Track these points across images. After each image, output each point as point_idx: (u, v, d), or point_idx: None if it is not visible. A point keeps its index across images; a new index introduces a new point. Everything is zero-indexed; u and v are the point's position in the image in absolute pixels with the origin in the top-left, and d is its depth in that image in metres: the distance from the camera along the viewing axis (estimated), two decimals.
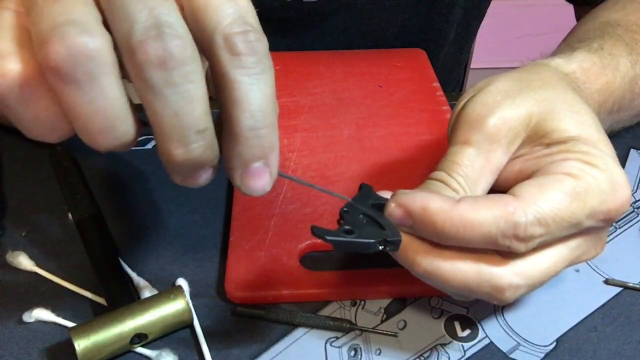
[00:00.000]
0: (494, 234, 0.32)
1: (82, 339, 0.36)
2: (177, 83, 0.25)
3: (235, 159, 0.28)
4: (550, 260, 0.34)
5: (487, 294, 0.33)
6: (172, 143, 0.26)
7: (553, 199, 0.32)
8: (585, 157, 0.34)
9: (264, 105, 0.27)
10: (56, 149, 0.53)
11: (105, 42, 0.25)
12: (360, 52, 0.67)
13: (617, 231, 0.47)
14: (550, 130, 0.35)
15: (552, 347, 0.39)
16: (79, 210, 0.46)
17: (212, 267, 0.44)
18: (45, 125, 0.28)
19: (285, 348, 0.39)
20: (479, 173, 0.35)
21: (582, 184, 0.33)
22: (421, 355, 0.39)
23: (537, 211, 0.32)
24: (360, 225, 0.33)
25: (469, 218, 0.32)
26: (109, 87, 0.26)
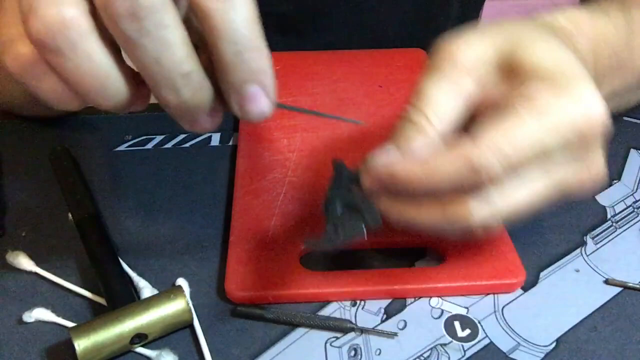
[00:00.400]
0: (456, 180, 0.32)
1: (82, 339, 0.36)
2: (150, 31, 0.25)
3: (229, 89, 0.28)
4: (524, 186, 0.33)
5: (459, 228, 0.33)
6: (161, 90, 0.27)
7: (506, 127, 0.31)
8: (546, 80, 0.33)
9: (243, 29, 0.27)
10: (56, 149, 0.53)
11: (79, 8, 0.26)
12: (360, 52, 0.67)
13: (617, 231, 0.47)
14: (524, 60, 0.34)
15: (552, 347, 0.39)
16: (79, 210, 0.46)
17: (212, 267, 0.44)
18: (61, 96, 0.29)
19: (285, 348, 0.39)
20: (448, 102, 0.35)
21: (539, 104, 0.32)
22: (421, 355, 0.39)
23: (490, 145, 0.31)
24: (343, 219, 0.35)
25: (430, 170, 0.32)
26: (91, 50, 0.27)
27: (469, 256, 0.43)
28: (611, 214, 0.49)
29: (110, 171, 0.52)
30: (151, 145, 0.55)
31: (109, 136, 0.56)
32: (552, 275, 0.44)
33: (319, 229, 0.44)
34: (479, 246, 0.44)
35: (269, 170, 0.50)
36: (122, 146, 0.55)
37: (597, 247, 0.46)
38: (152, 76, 0.27)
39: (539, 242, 0.46)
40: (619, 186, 0.51)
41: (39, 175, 0.52)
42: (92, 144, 0.55)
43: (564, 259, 0.45)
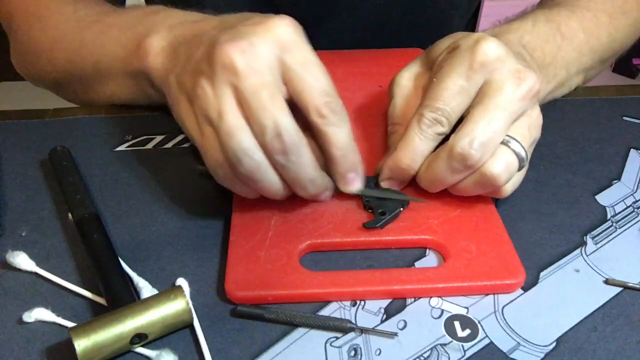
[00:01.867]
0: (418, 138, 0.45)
1: (82, 339, 0.36)
2: (292, 160, 0.41)
3: (336, 175, 0.45)
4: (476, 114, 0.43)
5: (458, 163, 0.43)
6: (298, 189, 0.43)
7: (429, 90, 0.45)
8: (449, 48, 0.46)
9: (345, 141, 0.43)
10: (56, 149, 0.53)
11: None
12: (360, 52, 0.67)
13: (617, 231, 0.47)
14: (434, 52, 0.48)
15: (552, 347, 0.39)
16: (79, 210, 0.46)
17: (212, 267, 0.44)
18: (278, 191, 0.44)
19: (285, 348, 0.39)
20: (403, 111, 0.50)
21: (445, 67, 0.45)
22: (421, 355, 0.39)
23: (424, 105, 0.45)
24: (384, 205, 0.46)
25: (404, 143, 0.45)
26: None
27: (469, 256, 0.43)
28: (611, 214, 0.49)
29: (110, 171, 0.52)
30: (151, 145, 0.55)
31: (109, 136, 0.56)
32: (552, 275, 0.44)
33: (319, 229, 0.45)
34: (479, 246, 0.44)
35: None
36: (122, 146, 0.55)
37: (597, 247, 0.46)
38: (292, 182, 0.43)
39: (539, 242, 0.46)
40: (619, 186, 0.51)
41: (39, 175, 0.52)
42: (92, 144, 0.55)
43: (564, 259, 0.45)
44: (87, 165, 0.53)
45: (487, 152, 0.42)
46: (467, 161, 0.42)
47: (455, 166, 0.43)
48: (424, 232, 0.45)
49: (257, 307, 0.41)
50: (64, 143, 0.54)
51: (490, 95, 0.43)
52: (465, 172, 0.44)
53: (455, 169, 0.43)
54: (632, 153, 0.55)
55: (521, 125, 0.44)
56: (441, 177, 0.44)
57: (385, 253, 0.45)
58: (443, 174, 0.44)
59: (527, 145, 0.44)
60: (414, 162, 0.45)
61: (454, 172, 0.44)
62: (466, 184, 0.45)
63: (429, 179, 0.45)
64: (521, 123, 0.44)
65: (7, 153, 0.55)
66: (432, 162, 0.45)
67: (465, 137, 0.42)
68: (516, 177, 0.45)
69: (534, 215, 0.48)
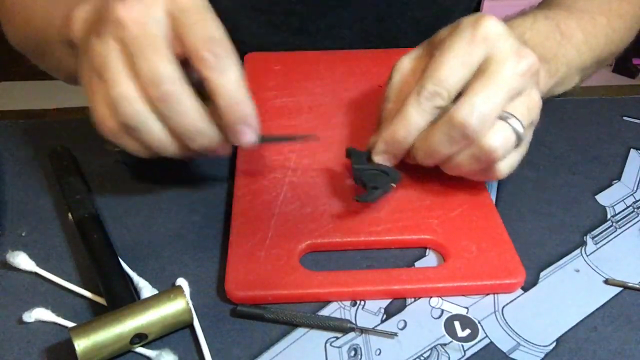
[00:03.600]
0: (416, 110, 0.45)
1: (82, 339, 0.36)
2: (173, 107, 0.41)
3: (225, 127, 0.43)
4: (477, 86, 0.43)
5: (457, 133, 0.43)
6: (186, 141, 0.43)
7: (431, 65, 0.45)
8: (450, 30, 0.46)
9: (230, 89, 0.41)
10: (56, 149, 0.53)
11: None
12: (360, 52, 0.67)
13: (617, 231, 0.47)
14: (437, 36, 0.47)
15: (552, 347, 0.39)
16: (79, 210, 0.46)
17: (212, 267, 0.44)
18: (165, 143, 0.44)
19: (285, 348, 0.39)
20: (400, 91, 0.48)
21: (446, 43, 0.45)
22: (421, 355, 0.39)
23: (425, 77, 0.44)
24: (376, 179, 0.46)
25: (401, 115, 0.45)
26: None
27: (469, 256, 0.43)
28: (611, 214, 0.49)
29: (110, 171, 0.52)
30: None
31: None
32: (552, 275, 0.44)
33: (319, 229, 0.45)
34: (479, 246, 0.44)
35: (269, 170, 0.50)
36: None
37: (597, 247, 0.46)
38: (177, 133, 0.42)
39: (539, 242, 0.46)
40: (619, 186, 0.51)
41: (39, 175, 0.52)
42: (92, 144, 0.55)
43: (564, 259, 0.45)
44: (87, 165, 0.53)
45: (485, 124, 0.43)
46: (466, 130, 0.42)
47: (453, 135, 0.43)
48: (424, 232, 0.45)
49: (257, 307, 0.41)
50: (64, 143, 0.54)
51: (491, 70, 0.43)
52: (462, 142, 0.43)
53: (453, 138, 0.43)
54: (632, 153, 0.55)
55: (520, 104, 0.44)
56: (438, 147, 0.44)
57: (385, 253, 0.45)
58: (440, 144, 0.44)
59: (525, 124, 0.44)
60: (409, 134, 0.45)
61: (451, 142, 0.44)
62: (462, 158, 0.45)
63: (425, 149, 0.45)
64: (520, 102, 0.44)
65: (7, 153, 0.55)
66: (430, 132, 0.45)
67: (466, 107, 0.42)
68: (513, 158, 0.45)
69: (534, 215, 0.48)
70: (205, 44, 0.41)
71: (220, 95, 0.41)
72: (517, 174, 0.47)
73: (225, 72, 0.41)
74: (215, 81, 0.41)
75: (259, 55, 0.65)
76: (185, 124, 0.42)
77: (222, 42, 0.41)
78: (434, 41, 0.48)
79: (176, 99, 0.41)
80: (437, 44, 0.46)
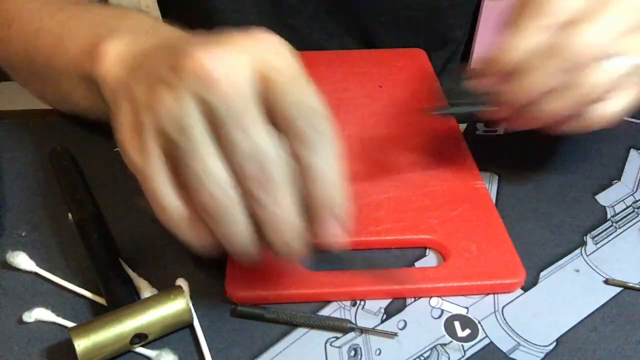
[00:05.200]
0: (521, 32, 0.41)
1: (82, 339, 0.36)
2: (272, 195, 0.33)
3: (315, 218, 0.35)
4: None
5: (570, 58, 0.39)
6: (273, 236, 0.35)
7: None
8: None
9: (331, 171, 0.34)
10: (56, 149, 0.53)
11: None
12: (360, 52, 0.67)
13: (617, 231, 0.47)
14: None
15: (552, 347, 0.39)
16: (79, 210, 0.46)
17: (212, 267, 0.44)
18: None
19: (285, 348, 0.39)
20: None
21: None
22: (421, 355, 0.39)
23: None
24: (467, 97, 0.42)
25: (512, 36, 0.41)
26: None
27: (469, 256, 0.43)
28: (611, 214, 0.49)
29: (110, 171, 0.52)
30: None
31: (109, 136, 0.56)
32: (552, 275, 0.44)
33: None
34: (479, 246, 0.44)
35: None
36: None
37: (597, 247, 0.46)
38: (267, 225, 0.34)
39: (539, 242, 0.46)
40: (619, 186, 0.51)
41: (39, 175, 0.52)
42: (92, 144, 0.55)
43: (564, 259, 0.45)
44: (87, 165, 0.53)
45: (600, 56, 0.39)
46: (581, 57, 0.39)
47: (564, 65, 0.39)
48: (424, 232, 0.45)
49: (257, 307, 0.41)
50: (64, 143, 0.54)
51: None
52: (569, 74, 0.40)
53: (562, 67, 0.40)
54: (632, 153, 0.55)
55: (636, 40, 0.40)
56: (541, 75, 0.40)
57: (385, 253, 0.45)
58: (545, 71, 0.40)
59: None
60: (511, 52, 0.41)
61: (558, 71, 0.40)
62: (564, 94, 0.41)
63: (527, 78, 0.41)
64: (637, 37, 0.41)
65: (7, 153, 0.55)
66: (536, 56, 0.40)
67: (582, 32, 0.39)
68: (624, 99, 0.42)
69: (534, 215, 0.48)
70: (304, 115, 0.33)
71: (316, 181, 0.34)
72: (517, 174, 0.46)
73: (325, 153, 0.34)
74: (313, 164, 0.33)
75: None
76: (283, 216, 0.34)
77: (323, 115, 0.34)
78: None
79: (280, 184, 0.33)
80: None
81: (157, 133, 0.33)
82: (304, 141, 0.33)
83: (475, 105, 0.41)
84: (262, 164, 0.32)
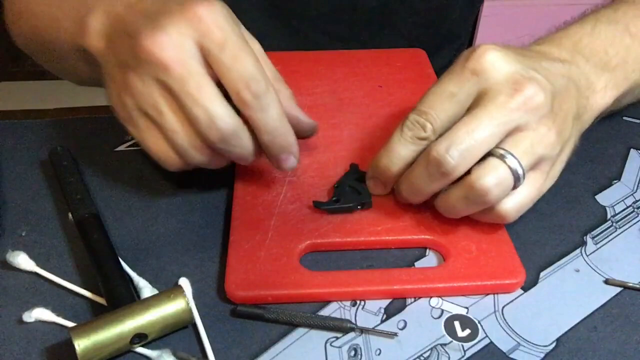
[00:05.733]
0: (398, 138, 0.44)
1: (82, 339, 0.36)
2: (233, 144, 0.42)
3: (269, 156, 0.45)
4: (462, 121, 0.41)
5: (435, 170, 0.41)
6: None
7: (422, 96, 0.44)
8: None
9: (272, 125, 0.43)
10: (56, 149, 0.53)
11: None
12: (360, 52, 0.67)
13: (617, 231, 0.47)
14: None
15: (552, 347, 0.39)
16: (79, 210, 0.46)
17: (212, 267, 0.44)
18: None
19: (285, 348, 0.39)
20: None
21: (442, 75, 0.43)
22: (421, 355, 0.39)
23: (413, 108, 0.44)
24: (345, 194, 0.47)
25: (386, 144, 0.45)
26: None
27: (469, 256, 0.43)
28: (611, 214, 0.49)
29: (110, 171, 0.52)
30: None
31: (109, 136, 0.56)
32: (552, 275, 0.44)
33: (319, 229, 0.45)
34: (479, 246, 0.44)
35: (268, 171, 0.50)
36: (122, 146, 0.55)
37: (597, 247, 0.46)
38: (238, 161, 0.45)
39: (539, 242, 0.46)
40: (619, 186, 0.51)
41: (39, 175, 0.52)
42: (92, 144, 0.55)
43: (564, 259, 0.45)
44: (87, 165, 0.53)
45: (465, 161, 0.40)
46: (442, 167, 0.40)
47: (431, 172, 0.41)
48: (424, 232, 0.45)
49: (257, 307, 0.41)
50: (64, 143, 0.54)
51: (481, 105, 0.41)
52: (442, 180, 0.41)
53: (431, 175, 0.41)
54: (632, 153, 0.55)
55: (523, 140, 0.41)
56: (418, 183, 0.43)
57: (385, 253, 0.45)
58: (420, 180, 0.42)
59: (526, 163, 0.41)
60: (391, 164, 0.44)
61: (430, 179, 0.42)
62: (453, 198, 0.42)
63: (408, 184, 0.44)
64: (523, 137, 0.41)
65: (7, 153, 0.55)
66: (412, 167, 0.43)
67: (443, 142, 0.40)
68: (517, 198, 0.42)
69: (534, 215, 0.48)
70: (245, 85, 0.41)
71: (263, 132, 0.42)
72: None
73: (267, 110, 0.42)
74: (258, 120, 0.42)
75: None
76: (246, 156, 0.44)
77: (261, 80, 0.41)
78: None
79: (236, 136, 0.42)
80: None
81: (138, 108, 0.42)
82: (250, 106, 0.41)
83: (359, 202, 0.46)
84: (214, 124, 0.41)
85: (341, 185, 0.48)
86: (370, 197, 0.47)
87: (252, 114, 0.42)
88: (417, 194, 0.44)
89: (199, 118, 0.40)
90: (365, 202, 0.46)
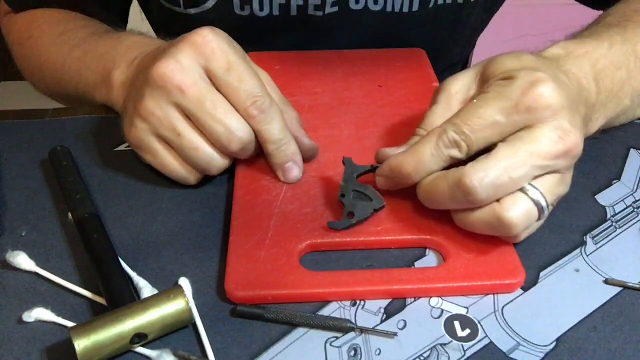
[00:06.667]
0: (431, 152, 0.42)
1: (82, 339, 0.36)
2: (251, 150, 0.49)
3: (275, 166, 0.49)
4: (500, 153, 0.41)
5: (461, 194, 0.41)
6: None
7: (464, 110, 0.43)
8: (506, 75, 0.43)
9: (277, 136, 0.48)
10: (56, 149, 0.53)
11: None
12: (360, 52, 0.67)
13: (617, 231, 0.47)
14: (493, 70, 0.44)
15: (552, 347, 0.39)
16: (79, 210, 0.46)
17: (212, 267, 0.44)
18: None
19: (285, 348, 0.39)
20: (441, 120, 0.44)
21: (491, 93, 0.42)
22: (421, 355, 0.39)
23: (452, 122, 0.42)
24: (356, 205, 0.45)
25: (415, 150, 0.43)
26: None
27: (469, 256, 0.43)
28: (611, 214, 0.49)
29: (110, 171, 0.53)
30: None
31: (109, 136, 0.56)
32: (552, 275, 0.44)
33: (319, 229, 0.45)
34: (479, 246, 0.44)
35: (268, 171, 0.50)
36: (122, 146, 0.55)
37: (597, 247, 0.46)
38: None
39: (539, 242, 0.46)
40: (619, 186, 0.51)
41: (39, 175, 0.52)
42: (92, 144, 0.55)
43: (564, 259, 0.45)
44: (87, 165, 0.53)
45: (496, 196, 0.40)
46: (470, 196, 0.40)
47: (456, 194, 0.41)
48: (424, 232, 0.45)
49: (257, 307, 0.41)
50: (64, 143, 0.54)
51: (525, 141, 0.40)
52: (465, 205, 0.42)
53: (456, 197, 0.41)
54: (632, 153, 0.55)
55: (551, 181, 0.41)
56: (440, 198, 0.42)
57: (385, 253, 0.45)
58: (443, 196, 0.42)
59: (550, 200, 0.42)
60: (416, 173, 0.43)
61: (453, 199, 0.42)
62: (476, 221, 0.42)
63: (428, 194, 0.43)
64: (551, 179, 0.42)
65: (7, 153, 0.55)
66: (437, 179, 0.42)
67: (478, 172, 0.40)
68: (533, 228, 0.43)
69: None
70: (252, 101, 0.46)
71: (269, 142, 0.48)
72: None
73: (272, 122, 0.47)
74: (265, 132, 0.47)
75: (259, 55, 0.65)
76: (254, 153, 0.49)
77: (265, 97, 0.47)
78: (488, 73, 0.45)
79: (252, 143, 0.47)
80: (485, 86, 0.44)
81: (153, 133, 0.47)
82: (257, 121, 0.47)
83: (373, 205, 0.46)
84: (234, 136, 0.46)
85: (347, 193, 0.46)
86: (382, 200, 0.46)
87: (259, 127, 0.47)
88: (433, 204, 0.44)
89: (219, 133, 0.46)
90: (379, 207, 0.45)
